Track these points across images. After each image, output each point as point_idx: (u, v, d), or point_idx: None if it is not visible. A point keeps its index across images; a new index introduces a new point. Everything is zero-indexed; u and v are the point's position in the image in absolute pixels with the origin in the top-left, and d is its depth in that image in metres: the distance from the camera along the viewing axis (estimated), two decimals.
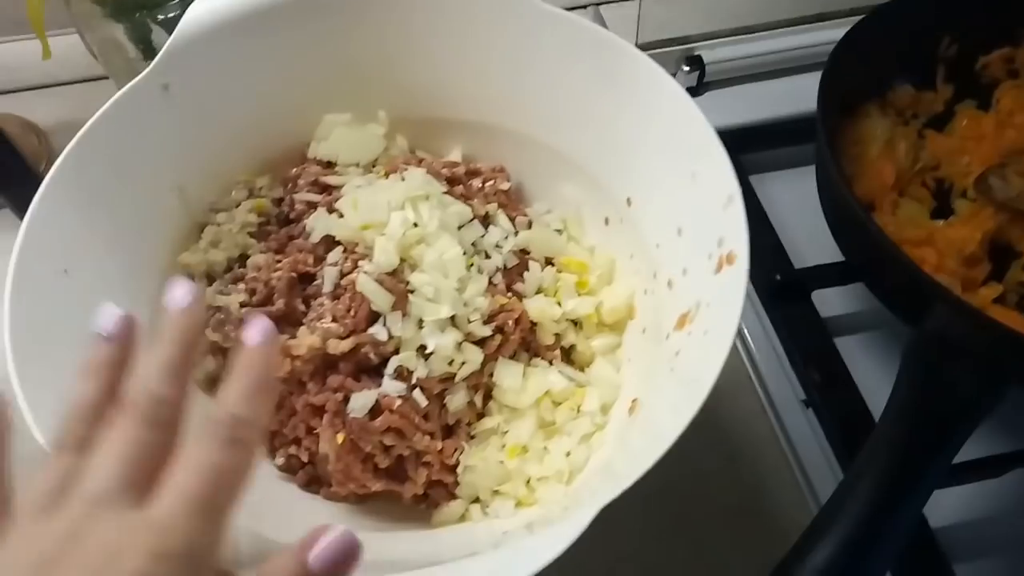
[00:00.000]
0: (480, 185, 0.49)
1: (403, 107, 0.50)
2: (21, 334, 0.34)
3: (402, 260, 0.42)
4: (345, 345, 0.40)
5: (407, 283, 0.42)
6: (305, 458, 0.43)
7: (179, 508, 0.24)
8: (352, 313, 0.41)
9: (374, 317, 0.41)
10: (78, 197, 0.39)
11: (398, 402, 0.40)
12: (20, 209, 0.50)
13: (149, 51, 0.54)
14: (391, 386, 0.40)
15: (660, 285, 0.42)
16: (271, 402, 0.28)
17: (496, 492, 0.43)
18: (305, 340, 0.41)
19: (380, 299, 0.41)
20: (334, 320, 0.41)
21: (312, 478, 0.43)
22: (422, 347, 0.41)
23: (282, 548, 0.25)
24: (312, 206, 0.46)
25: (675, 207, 0.40)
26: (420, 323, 0.41)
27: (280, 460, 0.44)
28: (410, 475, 0.42)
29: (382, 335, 0.41)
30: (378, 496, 0.43)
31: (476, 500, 0.43)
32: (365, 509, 0.44)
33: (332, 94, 0.48)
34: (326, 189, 0.47)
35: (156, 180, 0.43)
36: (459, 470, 0.43)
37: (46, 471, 0.25)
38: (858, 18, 0.54)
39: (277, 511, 0.41)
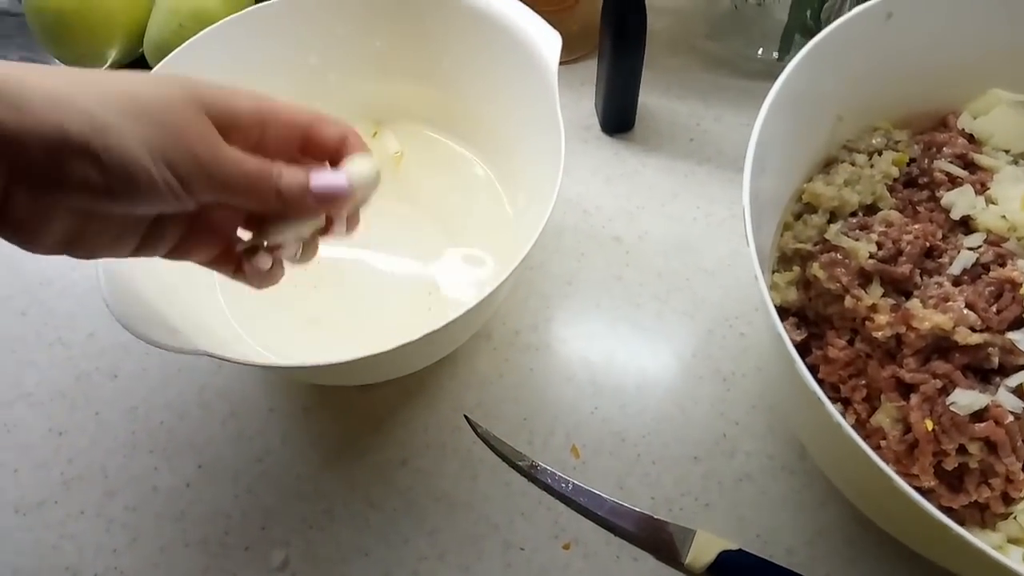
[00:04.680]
0: None
1: None
2: None
3: None
4: (975, 339, 0.38)
5: None
6: (850, 421, 0.42)
7: None
8: (995, 310, 0.38)
9: (1017, 323, 0.38)
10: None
11: (1010, 418, 0.38)
12: None
13: None
14: (1008, 399, 0.38)
15: None
16: None
17: None
18: (933, 317, 0.39)
19: None
20: (968, 307, 0.39)
21: None
22: None
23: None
24: (951, 179, 0.43)
25: None
26: None
27: None
28: (966, 486, 0.40)
29: None
30: None
31: (1016, 542, 0.40)
32: None
33: (1001, 68, 0.44)
34: (969, 166, 0.44)
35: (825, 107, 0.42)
36: (1018, 507, 0.40)
37: None
38: None
39: None
